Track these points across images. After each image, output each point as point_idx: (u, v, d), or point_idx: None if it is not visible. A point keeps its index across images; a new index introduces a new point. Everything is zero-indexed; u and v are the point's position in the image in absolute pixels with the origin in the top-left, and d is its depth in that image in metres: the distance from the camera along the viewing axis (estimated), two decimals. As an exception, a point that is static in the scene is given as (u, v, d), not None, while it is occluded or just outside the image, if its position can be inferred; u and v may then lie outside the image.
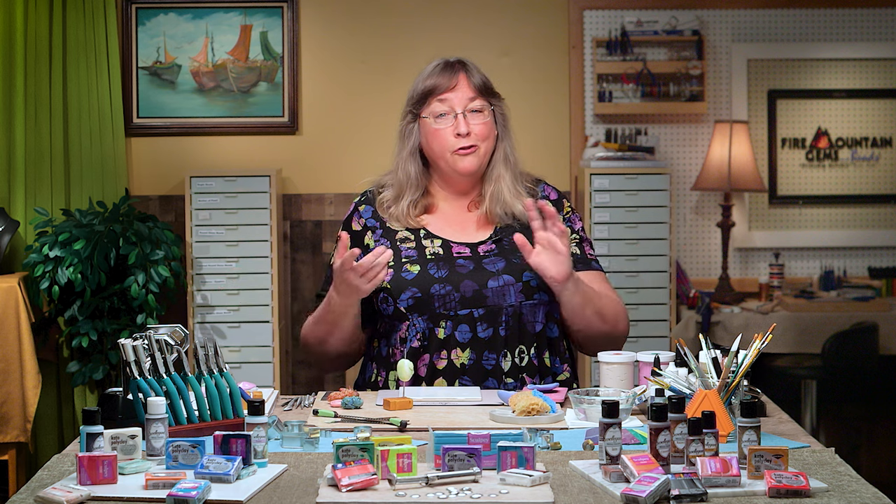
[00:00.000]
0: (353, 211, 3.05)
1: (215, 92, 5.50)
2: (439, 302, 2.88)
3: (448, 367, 2.87)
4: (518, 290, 2.90)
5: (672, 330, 5.16)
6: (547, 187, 3.07)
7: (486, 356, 2.88)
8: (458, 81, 2.96)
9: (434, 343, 2.88)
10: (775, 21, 5.58)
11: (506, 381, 2.87)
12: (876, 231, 5.65)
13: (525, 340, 2.90)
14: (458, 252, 2.94)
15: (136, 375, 2.37)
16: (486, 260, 2.93)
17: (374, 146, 5.45)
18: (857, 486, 2.07)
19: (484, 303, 2.89)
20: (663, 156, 5.53)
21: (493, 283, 2.90)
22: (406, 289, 2.90)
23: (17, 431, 4.75)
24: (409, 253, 2.94)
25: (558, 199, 3.05)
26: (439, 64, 2.99)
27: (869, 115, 5.63)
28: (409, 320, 2.90)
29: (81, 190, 5.28)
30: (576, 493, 2.04)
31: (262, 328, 5.17)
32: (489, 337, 2.88)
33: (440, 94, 2.95)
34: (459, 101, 2.95)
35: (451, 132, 2.93)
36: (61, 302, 4.99)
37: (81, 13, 5.26)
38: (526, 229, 2.95)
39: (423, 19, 5.54)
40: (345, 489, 2.01)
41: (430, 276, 2.90)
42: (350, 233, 3.02)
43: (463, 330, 2.88)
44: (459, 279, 2.90)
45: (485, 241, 2.97)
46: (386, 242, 2.97)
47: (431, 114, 2.95)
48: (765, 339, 2.44)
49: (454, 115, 2.94)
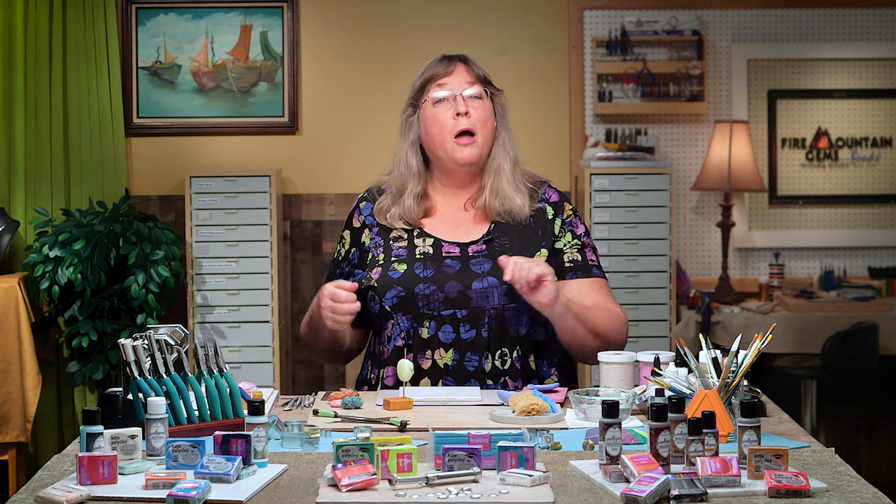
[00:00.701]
0: (355, 208, 3.07)
1: (215, 92, 5.50)
2: (423, 302, 2.88)
3: (432, 367, 2.87)
4: (502, 293, 2.88)
5: (672, 330, 5.16)
6: (549, 190, 3.04)
7: (468, 357, 2.87)
8: (456, 69, 2.97)
9: (418, 342, 2.88)
10: (775, 21, 5.58)
11: (488, 384, 2.86)
12: (876, 231, 5.65)
13: (507, 343, 2.89)
14: (447, 252, 2.94)
15: (136, 375, 2.37)
16: (474, 261, 2.92)
17: (374, 146, 5.45)
18: (857, 486, 2.07)
19: (467, 304, 2.88)
20: (663, 156, 5.53)
21: (478, 285, 2.89)
22: (391, 287, 2.90)
23: (17, 431, 4.75)
24: (400, 252, 2.94)
25: (559, 202, 3.03)
26: (438, 56, 3.01)
27: (869, 115, 5.63)
28: (393, 319, 2.90)
29: (81, 190, 5.28)
30: (576, 493, 2.04)
31: (262, 328, 5.17)
32: (472, 338, 2.88)
33: (439, 79, 2.96)
34: (458, 84, 2.95)
35: (450, 114, 2.93)
36: (61, 302, 4.99)
37: (81, 13, 5.26)
38: (520, 231, 2.95)
39: (423, 19, 5.54)
40: (345, 489, 2.01)
41: (415, 276, 2.90)
42: (350, 228, 3.04)
43: (446, 330, 2.88)
44: (445, 279, 2.89)
45: (476, 240, 2.96)
46: (380, 241, 2.98)
47: (431, 99, 2.96)
48: (765, 339, 2.44)
49: (453, 98, 2.94)
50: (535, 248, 2.95)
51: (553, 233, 2.98)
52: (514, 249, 2.92)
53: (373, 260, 2.96)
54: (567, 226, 3.00)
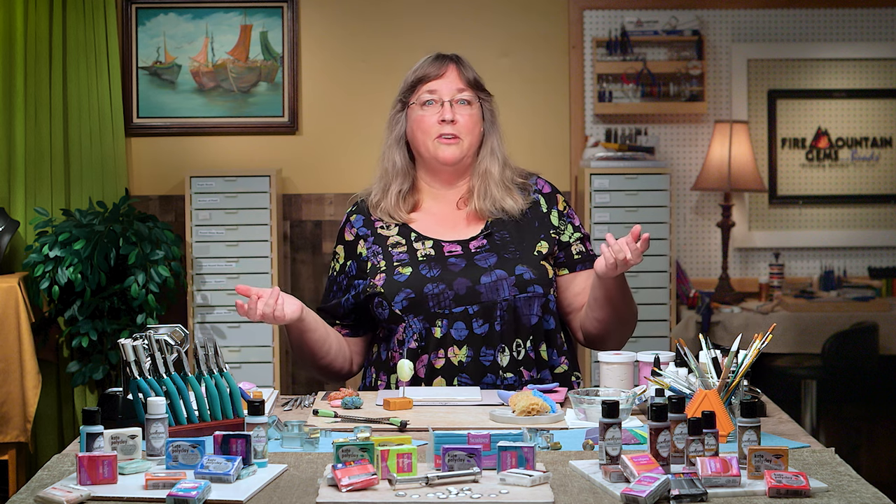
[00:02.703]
0: (346, 222, 3.06)
1: (215, 92, 5.50)
2: (433, 301, 2.88)
3: (446, 366, 2.87)
4: (511, 284, 2.90)
5: (672, 330, 5.16)
6: (540, 180, 3.06)
7: (483, 352, 2.88)
8: (447, 71, 2.98)
9: (431, 343, 2.88)
10: (775, 21, 5.58)
11: (504, 376, 2.87)
12: (876, 231, 5.65)
13: (521, 334, 2.90)
14: (449, 251, 2.94)
15: (136, 375, 2.37)
16: (478, 256, 2.93)
17: (374, 146, 5.37)
18: (857, 486, 2.07)
19: (478, 299, 2.89)
20: (663, 156, 5.53)
21: (486, 279, 2.90)
22: (399, 291, 2.90)
23: (17, 431, 4.75)
24: (401, 256, 2.95)
25: (551, 193, 3.05)
26: (432, 55, 3.01)
27: (869, 115, 5.63)
28: (405, 322, 2.90)
29: (81, 190, 5.28)
30: (576, 493, 2.04)
31: (262, 328, 5.17)
32: (485, 333, 2.88)
33: (429, 81, 2.97)
34: (448, 90, 2.96)
35: (435, 118, 2.94)
36: (61, 302, 4.99)
37: (81, 13, 5.26)
38: (517, 223, 2.96)
39: (422, 19, 5.54)
40: (345, 489, 2.01)
41: (422, 277, 2.90)
42: (343, 243, 3.04)
43: (459, 327, 2.88)
44: (452, 277, 2.90)
45: (476, 236, 2.97)
46: (378, 249, 2.98)
47: (418, 101, 2.97)
48: (765, 339, 2.44)
49: (441, 104, 2.95)
50: (535, 239, 2.97)
51: (552, 224, 3.00)
52: (515, 242, 2.95)
53: (373, 268, 2.96)
54: (566, 217, 3.03)
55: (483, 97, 3.01)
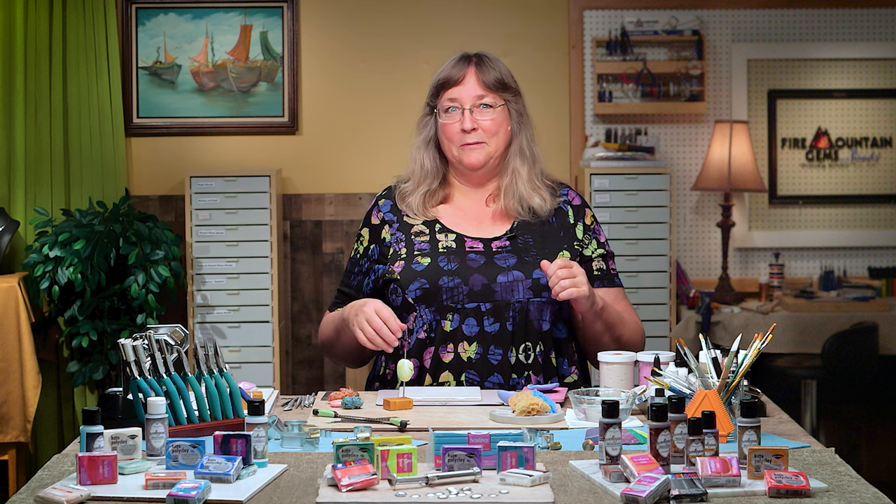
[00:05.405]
0: (374, 205, 3.08)
1: (215, 92, 5.50)
2: (447, 294, 2.89)
3: (454, 361, 2.87)
4: (527, 287, 2.90)
5: (672, 330, 5.16)
6: (571, 192, 3.08)
7: (492, 351, 2.88)
8: (466, 76, 2.97)
9: (440, 335, 2.89)
10: (775, 21, 5.58)
11: (512, 377, 2.87)
12: (876, 231, 5.64)
13: (531, 338, 2.90)
14: (470, 246, 2.96)
15: (136, 375, 2.37)
16: (498, 256, 2.94)
17: (374, 146, 5.45)
18: (857, 486, 2.07)
19: (492, 297, 2.89)
20: (663, 156, 5.53)
21: (503, 279, 2.90)
22: (415, 279, 2.91)
23: (17, 431, 4.75)
24: (423, 246, 2.96)
25: (581, 206, 3.06)
26: (456, 56, 3.01)
27: (869, 115, 5.63)
28: (416, 311, 2.91)
29: (81, 190, 5.28)
30: (576, 493, 2.04)
31: (262, 328, 5.17)
32: (496, 332, 2.89)
33: (449, 87, 2.97)
34: (467, 97, 2.96)
35: (458, 126, 2.95)
36: (61, 302, 4.99)
37: (81, 13, 5.26)
38: (542, 229, 2.96)
39: (423, 19, 5.54)
40: (345, 489, 2.01)
41: (439, 269, 2.91)
42: (369, 226, 3.05)
43: (470, 323, 2.89)
44: (469, 272, 2.90)
45: (500, 237, 2.98)
46: (401, 235, 2.98)
47: (441, 107, 2.98)
48: (765, 339, 2.44)
49: (461, 111, 2.95)
50: (557, 248, 2.97)
51: (576, 237, 3.01)
52: (537, 247, 2.95)
53: (394, 254, 2.98)
54: (591, 233, 3.04)
55: (508, 98, 3.00)
